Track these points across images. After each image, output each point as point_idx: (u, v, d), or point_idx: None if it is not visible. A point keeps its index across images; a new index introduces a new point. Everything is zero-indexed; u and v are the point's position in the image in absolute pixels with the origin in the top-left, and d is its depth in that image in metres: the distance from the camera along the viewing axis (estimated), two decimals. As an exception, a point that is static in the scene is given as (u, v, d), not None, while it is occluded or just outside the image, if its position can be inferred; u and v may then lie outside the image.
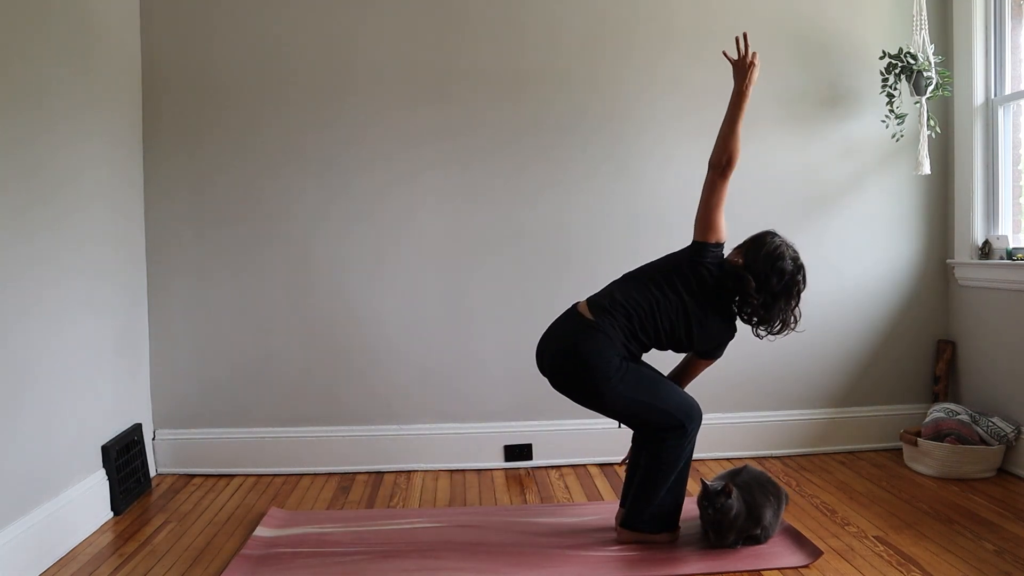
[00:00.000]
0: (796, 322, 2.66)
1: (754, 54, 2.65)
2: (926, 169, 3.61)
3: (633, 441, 2.80)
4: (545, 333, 2.73)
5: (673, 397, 2.65)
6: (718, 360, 2.80)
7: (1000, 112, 3.57)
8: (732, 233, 3.72)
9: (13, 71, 2.52)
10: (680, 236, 3.69)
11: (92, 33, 3.08)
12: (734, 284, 2.61)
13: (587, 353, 2.55)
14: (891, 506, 3.04)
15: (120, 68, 3.36)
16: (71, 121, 2.89)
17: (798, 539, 2.68)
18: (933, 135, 3.65)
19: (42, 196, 2.69)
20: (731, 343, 2.77)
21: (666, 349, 2.72)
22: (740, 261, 2.65)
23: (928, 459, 3.40)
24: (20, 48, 2.56)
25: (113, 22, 3.28)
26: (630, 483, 2.76)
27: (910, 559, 2.54)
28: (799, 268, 2.64)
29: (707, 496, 2.57)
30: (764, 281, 2.58)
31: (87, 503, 2.90)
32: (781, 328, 2.66)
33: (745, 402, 3.76)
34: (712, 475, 3.49)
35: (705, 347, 2.71)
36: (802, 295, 2.64)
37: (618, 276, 2.78)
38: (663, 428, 2.62)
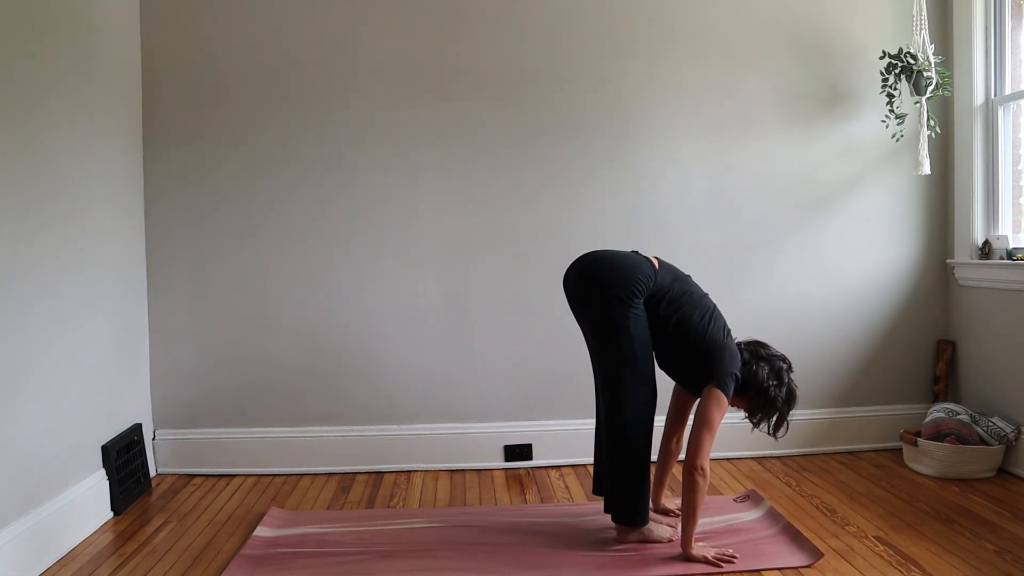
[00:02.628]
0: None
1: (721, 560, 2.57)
2: (926, 169, 3.60)
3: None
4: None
5: (640, 396, 2.62)
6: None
7: (1000, 112, 3.57)
8: (732, 232, 3.74)
9: (13, 70, 2.52)
10: (679, 235, 3.72)
11: (92, 31, 3.08)
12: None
13: (631, 275, 2.61)
14: (891, 506, 3.04)
15: (120, 66, 3.36)
16: (70, 120, 2.89)
17: (798, 539, 2.68)
18: (933, 135, 3.65)
19: (42, 196, 2.68)
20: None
21: (669, 341, 2.70)
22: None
23: (928, 459, 3.40)
24: (19, 47, 2.56)
25: (113, 20, 3.28)
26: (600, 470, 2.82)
27: (910, 559, 2.54)
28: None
29: None
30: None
31: (87, 503, 2.90)
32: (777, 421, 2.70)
33: (745, 402, 3.76)
34: (712, 475, 3.50)
35: (674, 372, 2.75)
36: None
37: None
38: (610, 404, 2.64)
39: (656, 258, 2.74)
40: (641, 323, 2.61)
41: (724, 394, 2.57)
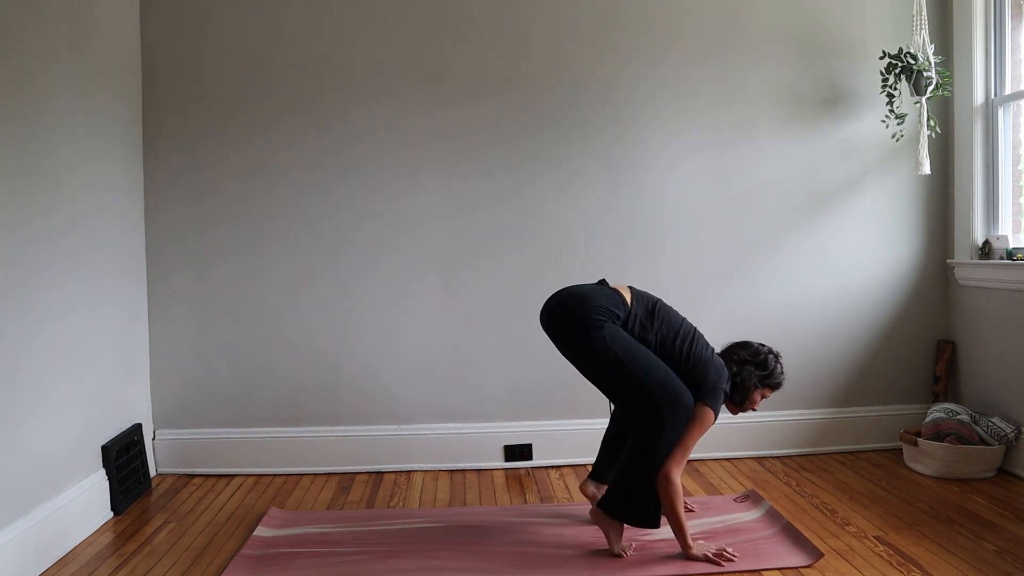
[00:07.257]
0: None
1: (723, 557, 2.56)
2: (926, 169, 3.60)
3: (611, 417, 2.92)
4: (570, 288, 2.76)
5: (659, 373, 2.55)
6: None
7: (1000, 112, 3.57)
8: (732, 233, 3.74)
9: (12, 71, 2.52)
10: (678, 236, 3.71)
11: (92, 31, 3.08)
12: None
13: (588, 305, 2.59)
14: (891, 506, 3.04)
15: (120, 66, 3.36)
16: (70, 122, 2.89)
17: (798, 539, 2.68)
18: (933, 135, 3.64)
19: (42, 198, 2.68)
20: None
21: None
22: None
23: (928, 459, 3.40)
24: (19, 47, 2.56)
25: (113, 20, 3.28)
26: (606, 456, 2.84)
27: (910, 559, 2.54)
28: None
29: None
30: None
31: (87, 503, 2.90)
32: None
33: (745, 402, 3.76)
34: (712, 475, 3.50)
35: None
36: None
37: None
38: (640, 410, 2.56)
39: (629, 287, 2.72)
40: (619, 336, 2.56)
41: (712, 410, 2.59)
